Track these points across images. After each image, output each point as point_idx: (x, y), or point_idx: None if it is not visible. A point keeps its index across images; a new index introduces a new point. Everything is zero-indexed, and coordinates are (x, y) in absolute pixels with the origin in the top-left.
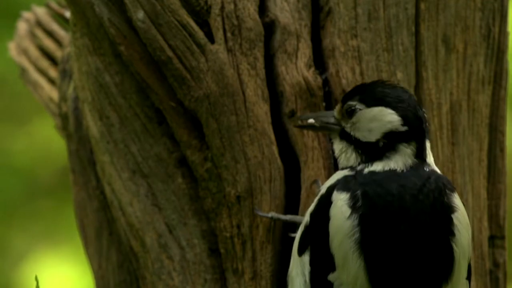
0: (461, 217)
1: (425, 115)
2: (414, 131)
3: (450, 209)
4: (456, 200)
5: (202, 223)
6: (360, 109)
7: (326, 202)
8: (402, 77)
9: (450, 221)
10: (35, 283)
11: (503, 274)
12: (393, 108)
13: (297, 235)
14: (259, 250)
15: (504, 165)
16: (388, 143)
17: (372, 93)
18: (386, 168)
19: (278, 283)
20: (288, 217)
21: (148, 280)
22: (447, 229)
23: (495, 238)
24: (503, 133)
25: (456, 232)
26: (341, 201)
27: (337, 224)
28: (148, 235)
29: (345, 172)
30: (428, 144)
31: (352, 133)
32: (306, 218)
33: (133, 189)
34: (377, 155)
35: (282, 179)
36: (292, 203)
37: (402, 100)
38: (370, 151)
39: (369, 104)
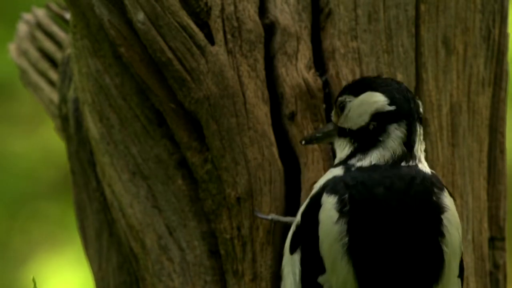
0: (451, 217)
1: (417, 100)
2: (402, 111)
3: (439, 209)
4: (446, 200)
5: (202, 225)
6: (349, 101)
7: (316, 204)
8: (402, 79)
9: (439, 222)
10: (37, 284)
11: (503, 276)
12: (380, 91)
13: (289, 233)
14: (259, 252)
15: (504, 166)
16: (378, 126)
17: (359, 84)
18: (375, 160)
19: (278, 285)
20: (288, 219)
21: (148, 282)
22: (436, 230)
23: (495, 240)
24: (503, 135)
25: (445, 233)
26: (329, 205)
27: (326, 229)
28: (148, 236)
29: (335, 172)
30: (420, 130)
31: (345, 126)
32: (298, 218)
33: (133, 190)
34: (371, 142)
35: (282, 180)
36: (292, 205)
37: (388, 84)
38: (363, 137)
39: (357, 94)
